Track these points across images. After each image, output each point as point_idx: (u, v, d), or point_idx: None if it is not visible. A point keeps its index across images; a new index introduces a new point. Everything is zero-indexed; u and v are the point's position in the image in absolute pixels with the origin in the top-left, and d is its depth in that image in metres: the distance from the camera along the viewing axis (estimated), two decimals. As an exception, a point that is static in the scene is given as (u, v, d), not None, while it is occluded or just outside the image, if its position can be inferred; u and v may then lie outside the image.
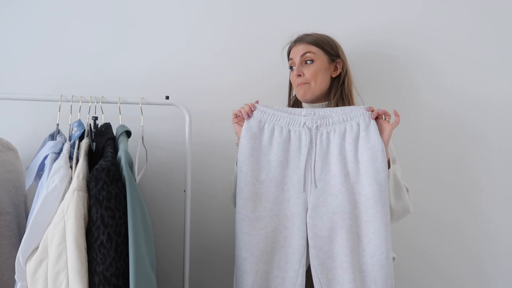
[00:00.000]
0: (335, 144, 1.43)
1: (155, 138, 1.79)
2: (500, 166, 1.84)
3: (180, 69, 1.85)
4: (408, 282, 1.83)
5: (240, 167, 1.45)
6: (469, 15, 1.85)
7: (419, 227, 1.84)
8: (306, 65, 1.54)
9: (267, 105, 1.48)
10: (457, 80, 1.85)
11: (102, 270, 1.23)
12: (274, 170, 1.44)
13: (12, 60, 1.85)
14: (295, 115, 1.46)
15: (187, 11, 1.87)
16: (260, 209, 1.43)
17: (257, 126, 1.46)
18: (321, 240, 1.40)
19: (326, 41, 1.56)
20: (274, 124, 1.46)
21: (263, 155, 1.45)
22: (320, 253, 1.39)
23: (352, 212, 1.40)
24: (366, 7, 1.86)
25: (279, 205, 1.43)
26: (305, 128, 1.44)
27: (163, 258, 1.76)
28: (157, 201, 1.82)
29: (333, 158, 1.43)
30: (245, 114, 1.47)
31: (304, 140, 1.44)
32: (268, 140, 1.46)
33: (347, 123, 1.43)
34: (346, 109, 1.46)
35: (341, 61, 1.57)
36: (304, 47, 1.54)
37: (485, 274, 1.85)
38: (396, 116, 1.43)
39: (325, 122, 1.44)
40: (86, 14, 1.86)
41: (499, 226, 1.84)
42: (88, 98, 1.49)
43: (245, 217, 1.43)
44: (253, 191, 1.43)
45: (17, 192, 1.56)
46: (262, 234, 1.42)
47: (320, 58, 1.54)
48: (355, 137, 1.42)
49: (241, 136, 1.47)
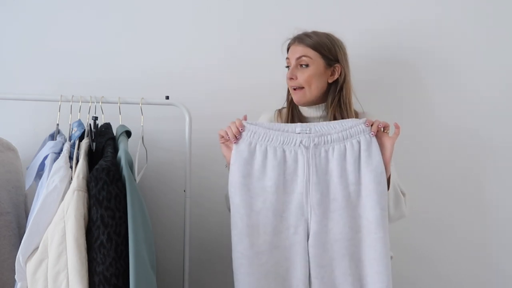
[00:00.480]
0: (335, 164, 1.33)
1: (155, 138, 1.79)
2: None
3: (180, 69, 1.86)
4: (411, 283, 1.83)
5: (232, 199, 1.34)
6: (483, 15, 1.86)
7: (422, 230, 1.85)
8: (301, 68, 1.48)
9: (256, 123, 1.37)
10: (469, 82, 1.85)
11: (102, 270, 1.23)
12: (270, 197, 1.32)
13: (12, 60, 1.85)
14: (289, 133, 1.34)
15: (188, 12, 1.87)
16: (258, 243, 1.32)
17: (247, 150, 1.34)
18: (323, 269, 1.32)
19: (325, 45, 1.48)
20: (267, 145, 1.34)
21: (257, 181, 1.33)
22: (322, 283, 1.32)
23: (354, 238, 1.32)
24: (375, 8, 1.86)
25: (278, 236, 1.33)
26: (302, 147, 1.33)
27: (163, 258, 1.76)
28: (157, 201, 1.82)
29: (332, 179, 1.33)
30: (232, 138, 1.34)
31: (300, 160, 1.33)
32: (261, 164, 1.33)
33: (347, 141, 1.33)
34: (345, 124, 1.35)
35: (340, 66, 1.50)
36: (301, 50, 1.48)
37: (486, 275, 1.86)
38: (396, 128, 1.35)
39: (323, 140, 1.33)
40: (86, 14, 1.86)
41: (503, 227, 1.85)
42: (88, 98, 1.49)
43: (242, 255, 1.32)
44: (248, 224, 1.32)
45: (17, 192, 1.56)
46: (263, 272, 1.32)
47: (316, 62, 1.47)
48: (356, 157, 1.33)
49: (230, 163, 1.35)
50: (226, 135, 1.36)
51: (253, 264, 1.32)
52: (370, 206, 1.31)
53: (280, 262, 1.33)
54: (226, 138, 1.37)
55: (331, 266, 1.32)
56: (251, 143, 1.34)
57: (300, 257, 1.32)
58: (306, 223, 1.32)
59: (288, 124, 1.37)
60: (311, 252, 1.32)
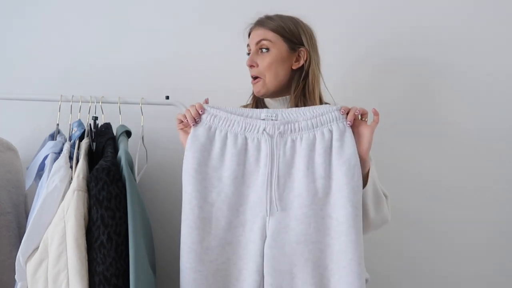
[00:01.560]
0: (302, 155, 1.18)
1: (155, 138, 1.79)
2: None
3: (180, 69, 1.85)
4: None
5: (185, 187, 1.21)
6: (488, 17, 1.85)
7: (422, 232, 1.84)
8: (262, 54, 1.33)
9: (218, 106, 1.24)
10: (470, 82, 1.84)
11: (102, 270, 1.23)
12: (227, 189, 1.19)
13: (12, 60, 1.85)
14: (253, 119, 1.21)
15: (188, 12, 1.87)
16: (209, 238, 1.19)
17: (205, 134, 1.21)
18: (281, 276, 1.15)
19: (287, 26, 1.34)
20: (227, 130, 1.21)
21: (213, 170, 1.20)
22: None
23: (320, 242, 1.16)
24: (374, 8, 1.85)
25: (232, 231, 1.19)
26: (265, 135, 1.19)
27: (163, 258, 1.76)
28: (157, 201, 1.82)
29: (298, 173, 1.18)
30: (190, 120, 1.21)
31: (263, 150, 1.19)
32: (219, 151, 1.20)
33: (317, 129, 1.19)
34: (316, 111, 1.21)
35: (305, 50, 1.34)
36: (261, 33, 1.33)
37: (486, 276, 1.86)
38: (375, 115, 1.21)
39: (290, 127, 1.20)
40: (86, 14, 1.86)
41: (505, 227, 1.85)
42: (88, 98, 1.49)
43: (190, 249, 1.18)
44: (200, 216, 1.19)
45: (17, 192, 1.56)
46: (212, 269, 1.19)
47: (278, 46, 1.32)
48: (326, 148, 1.18)
49: (186, 149, 1.22)
50: (184, 118, 1.24)
51: (202, 261, 1.19)
52: (341, 203, 1.15)
53: (232, 259, 1.20)
54: (185, 122, 1.25)
55: (290, 273, 1.16)
56: (210, 127, 1.22)
57: (253, 260, 1.17)
58: (264, 221, 1.18)
59: (253, 110, 1.24)
60: (267, 254, 1.16)
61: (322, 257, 1.17)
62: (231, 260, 1.21)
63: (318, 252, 1.17)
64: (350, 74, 1.81)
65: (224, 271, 1.20)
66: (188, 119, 1.23)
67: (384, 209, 1.27)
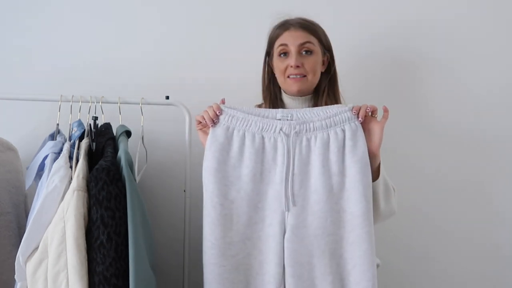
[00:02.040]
0: (317, 154, 1.25)
1: (155, 138, 1.79)
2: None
3: (180, 69, 1.85)
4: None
5: (206, 186, 1.27)
6: (479, 13, 1.86)
7: (422, 229, 1.85)
8: (304, 55, 1.38)
9: (234, 106, 1.30)
10: (469, 81, 1.85)
11: (102, 270, 1.23)
12: (246, 186, 1.25)
13: (12, 60, 1.84)
14: (269, 119, 1.27)
15: (189, 11, 1.87)
16: (231, 234, 1.25)
17: (224, 134, 1.27)
18: (301, 267, 1.23)
19: (322, 32, 1.43)
20: (245, 130, 1.27)
21: (233, 168, 1.26)
22: (300, 282, 1.23)
23: (336, 234, 1.24)
24: (373, 7, 1.86)
25: (252, 227, 1.26)
26: (282, 134, 1.25)
27: (163, 258, 1.76)
28: (157, 201, 1.82)
29: (314, 170, 1.25)
30: (209, 121, 1.27)
31: (280, 148, 1.26)
32: (238, 150, 1.26)
33: (331, 129, 1.26)
34: (329, 111, 1.28)
35: (329, 55, 1.45)
36: (304, 35, 1.39)
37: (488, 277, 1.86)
38: (385, 111, 1.27)
39: (306, 127, 1.26)
40: (86, 14, 1.86)
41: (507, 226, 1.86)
42: (88, 98, 1.49)
43: (213, 245, 1.25)
44: (221, 213, 1.25)
45: (17, 192, 1.56)
46: (234, 263, 1.26)
47: (318, 50, 1.40)
48: (340, 147, 1.25)
49: (205, 148, 1.28)
50: (203, 119, 1.29)
51: (224, 256, 1.25)
52: (355, 199, 1.23)
53: (253, 254, 1.27)
54: (203, 123, 1.30)
55: (309, 263, 1.24)
56: (228, 128, 1.28)
57: (274, 253, 1.24)
58: (283, 216, 1.25)
59: (269, 110, 1.30)
60: (288, 248, 1.23)
61: (337, 247, 1.25)
62: (252, 255, 1.27)
63: (334, 243, 1.25)
64: (350, 73, 1.81)
65: (245, 265, 1.27)
66: (207, 120, 1.28)
67: (392, 201, 1.35)
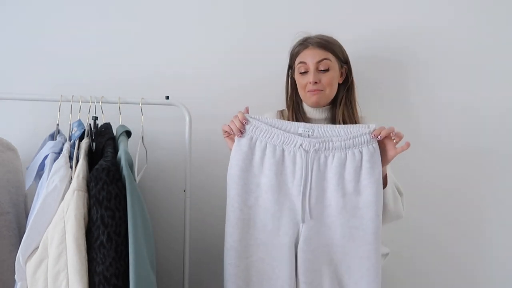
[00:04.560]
0: (333, 172, 1.31)
1: (155, 138, 1.79)
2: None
3: (180, 69, 1.85)
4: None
5: (228, 191, 1.35)
6: (477, 19, 1.85)
7: (420, 234, 1.85)
8: (322, 72, 1.48)
9: (258, 117, 1.37)
10: (470, 83, 1.85)
11: (102, 270, 1.23)
12: (264, 195, 1.33)
13: (12, 60, 1.85)
14: (291, 133, 1.34)
15: (188, 12, 1.87)
16: (247, 237, 1.34)
17: (248, 144, 1.34)
18: (312, 274, 1.32)
19: (339, 47, 1.52)
20: (267, 141, 1.34)
21: (253, 176, 1.34)
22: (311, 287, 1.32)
23: (345, 246, 1.32)
24: (369, 11, 1.85)
25: (267, 234, 1.34)
26: (301, 150, 1.32)
27: (163, 258, 1.76)
28: (157, 201, 1.82)
29: (329, 186, 1.32)
30: (237, 132, 1.35)
31: (299, 163, 1.32)
32: (259, 160, 1.34)
33: (349, 150, 1.32)
34: (350, 131, 1.33)
35: (347, 67, 1.54)
36: (321, 53, 1.49)
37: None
38: (406, 144, 1.32)
39: (325, 146, 1.32)
40: (86, 14, 1.86)
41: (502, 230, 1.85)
42: (88, 98, 1.49)
43: (231, 247, 1.34)
44: (240, 217, 1.34)
45: (17, 192, 1.56)
46: (247, 264, 1.34)
47: (334, 65, 1.50)
48: (356, 167, 1.31)
49: (231, 156, 1.36)
50: (230, 130, 1.37)
51: (240, 257, 1.34)
52: (369, 217, 1.30)
53: (266, 259, 1.34)
54: (230, 133, 1.38)
55: (320, 271, 1.32)
56: (252, 138, 1.35)
57: (287, 260, 1.32)
58: (297, 227, 1.32)
59: (291, 123, 1.37)
60: (301, 257, 1.31)
61: (345, 259, 1.33)
62: (265, 260, 1.34)
63: (343, 254, 1.33)
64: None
65: (258, 268, 1.34)
66: (234, 131, 1.36)
67: (399, 204, 1.42)
